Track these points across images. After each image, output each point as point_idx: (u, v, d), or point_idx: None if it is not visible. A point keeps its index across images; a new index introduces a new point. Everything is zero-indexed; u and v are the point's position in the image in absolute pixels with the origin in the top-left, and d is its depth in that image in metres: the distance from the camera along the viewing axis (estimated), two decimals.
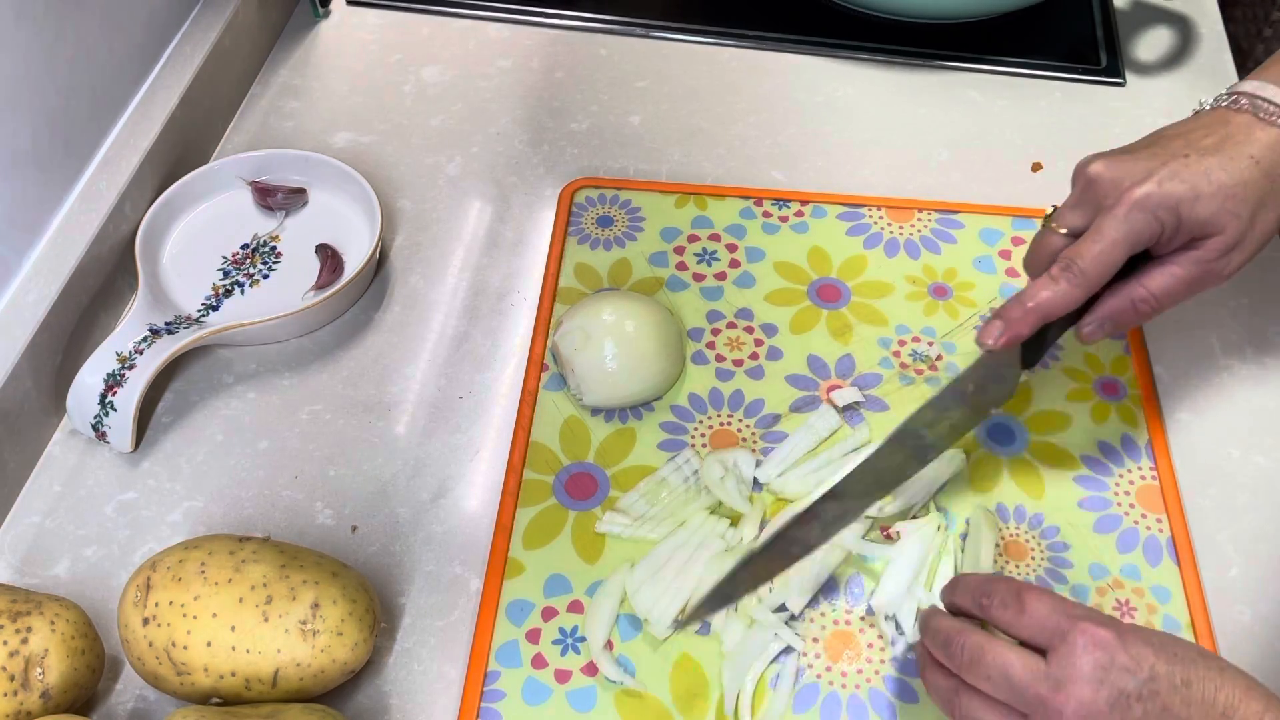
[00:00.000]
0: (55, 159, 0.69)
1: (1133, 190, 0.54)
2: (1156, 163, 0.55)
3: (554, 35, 0.93)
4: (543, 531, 0.63)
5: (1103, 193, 0.55)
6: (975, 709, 0.48)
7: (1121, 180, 0.55)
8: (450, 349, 0.72)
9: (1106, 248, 0.54)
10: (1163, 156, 0.55)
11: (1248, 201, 0.54)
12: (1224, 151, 0.55)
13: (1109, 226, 0.54)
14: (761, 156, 0.84)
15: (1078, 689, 0.45)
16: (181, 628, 0.53)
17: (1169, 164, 0.54)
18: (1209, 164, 0.54)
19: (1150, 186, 0.54)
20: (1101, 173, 0.55)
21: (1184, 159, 0.55)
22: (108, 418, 0.65)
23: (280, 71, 0.89)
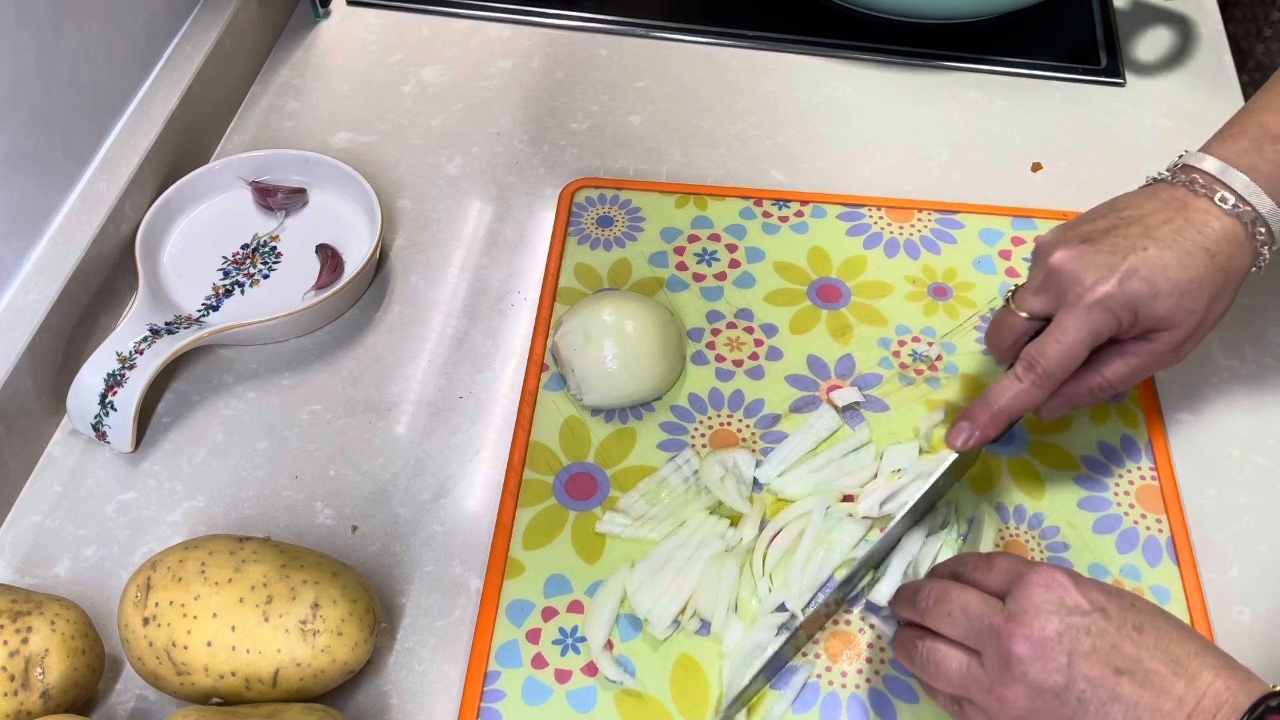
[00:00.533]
0: (55, 159, 0.69)
1: (1095, 288, 0.56)
2: (1117, 257, 0.56)
3: (554, 35, 0.93)
4: (543, 531, 0.63)
5: (1064, 285, 0.57)
6: (933, 650, 0.51)
7: (1083, 276, 0.56)
8: (450, 349, 0.72)
9: (1068, 348, 0.57)
10: (1123, 248, 0.56)
11: (1202, 297, 0.56)
12: (1180, 244, 0.56)
13: (1071, 325, 0.56)
14: (761, 156, 0.84)
15: (1029, 617, 0.48)
16: (182, 628, 0.53)
17: (1128, 258, 0.56)
18: (1167, 260, 0.56)
19: (1111, 286, 0.56)
20: (1063, 265, 0.57)
21: (1143, 253, 0.56)
22: (108, 418, 0.65)
23: (280, 71, 0.89)
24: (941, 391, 0.69)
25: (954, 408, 0.68)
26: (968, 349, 0.72)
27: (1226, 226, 0.57)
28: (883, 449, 0.66)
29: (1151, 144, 0.86)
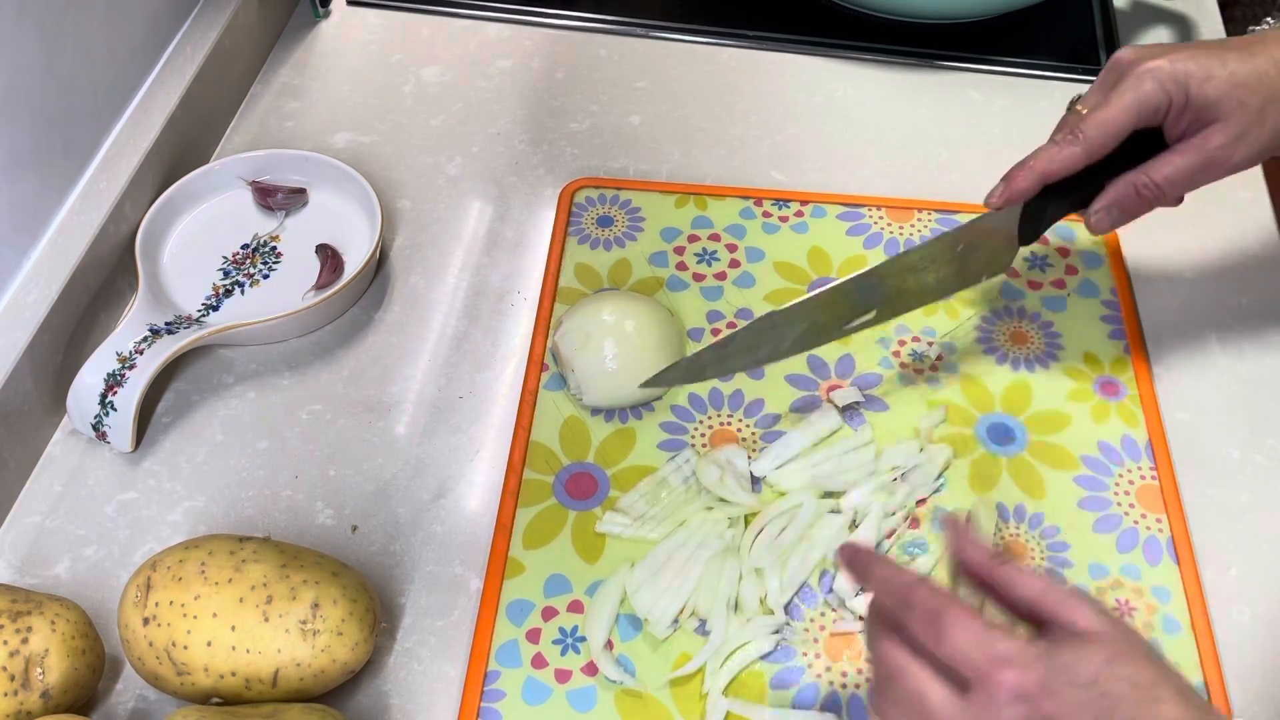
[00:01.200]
0: (55, 159, 0.69)
1: (1147, 61, 0.56)
2: (1180, 49, 0.57)
3: (554, 35, 0.93)
4: (543, 531, 0.63)
5: (1122, 69, 0.58)
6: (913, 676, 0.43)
7: (1141, 58, 0.57)
8: (450, 349, 0.72)
9: (1111, 113, 0.57)
10: (1190, 46, 0.57)
11: (1258, 93, 0.56)
12: (1249, 49, 0.56)
13: (1116, 93, 0.57)
14: (761, 156, 0.84)
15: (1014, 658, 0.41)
16: (182, 627, 0.53)
17: (1190, 49, 0.57)
18: (1230, 55, 0.56)
19: (1163, 61, 0.56)
20: (1125, 54, 0.58)
21: (1207, 48, 0.57)
22: (108, 417, 0.65)
23: (280, 71, 0.89)
24: (941, 391, 0.69)
25: (954, 408, 0.68)
26: (968, 349, 0.72)
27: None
28: (882, 449, 0.66)
29: None
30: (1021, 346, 0.72)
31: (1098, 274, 0.76)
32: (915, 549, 0.63)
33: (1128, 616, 0.60)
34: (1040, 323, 0.73)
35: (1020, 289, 0.75)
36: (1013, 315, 0.73)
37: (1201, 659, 0.59)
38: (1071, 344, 0.72)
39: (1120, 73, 0.58)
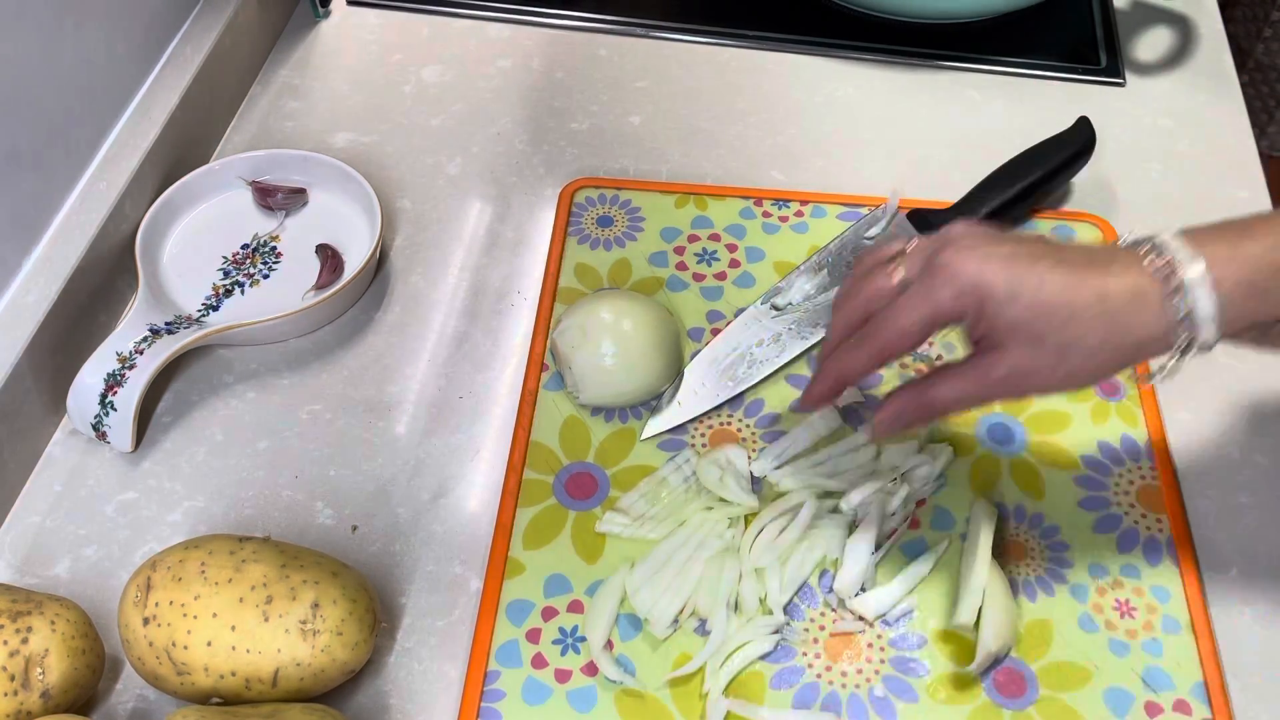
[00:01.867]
0: (55, 159, 0.69)
1: (957, 263, 0.49)
2: (1007, 246, 0.49)
3: (554, 35, 0.93)
4: (543, 531, 0.63)
5: (933, 261, 0.50)
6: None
7: (957, 255, 0.49)
8: (450, 349, 0.72)
9: (902, 323, 0.51)
10: (1020, 245, 0.49)
11: (1063, 330, 0.48)
12: (1083, 267, 0.48)
13: (915, 298, 0.50)
14: (761, 156, 0.84)
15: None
16: (182, 627, 0.53)
17: (1016, 250, 0.49)
18: (1056, 272, 0.48)
19: (971, 266, 0.48)
20: (953, 234, 0.51)
21: (1035, 254, 0.48)
22: (108, 417, 0.65)
23: (280, 71, 0.89)
24: None
25: None
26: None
27: (1140, 284, 0.48)
28: (882, 449, 0.66)
29: (1152, 144, 0.86)
30: None
31: None
32: (915, 549, 0.63)
33: (1128, 617, 0.60)
34: None
35: None
36: None
37: (1201, 659, 0.59)
38: None
39: (929, 264, 0.50)
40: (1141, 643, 0.60)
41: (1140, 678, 0.58)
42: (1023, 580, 0.62)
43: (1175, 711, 0.57)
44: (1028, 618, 0.60)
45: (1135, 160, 0.84)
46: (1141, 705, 0.57)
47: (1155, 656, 0.59)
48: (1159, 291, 0.48)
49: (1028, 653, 0.59)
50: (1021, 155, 0.78)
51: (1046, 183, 0.77)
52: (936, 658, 0.59)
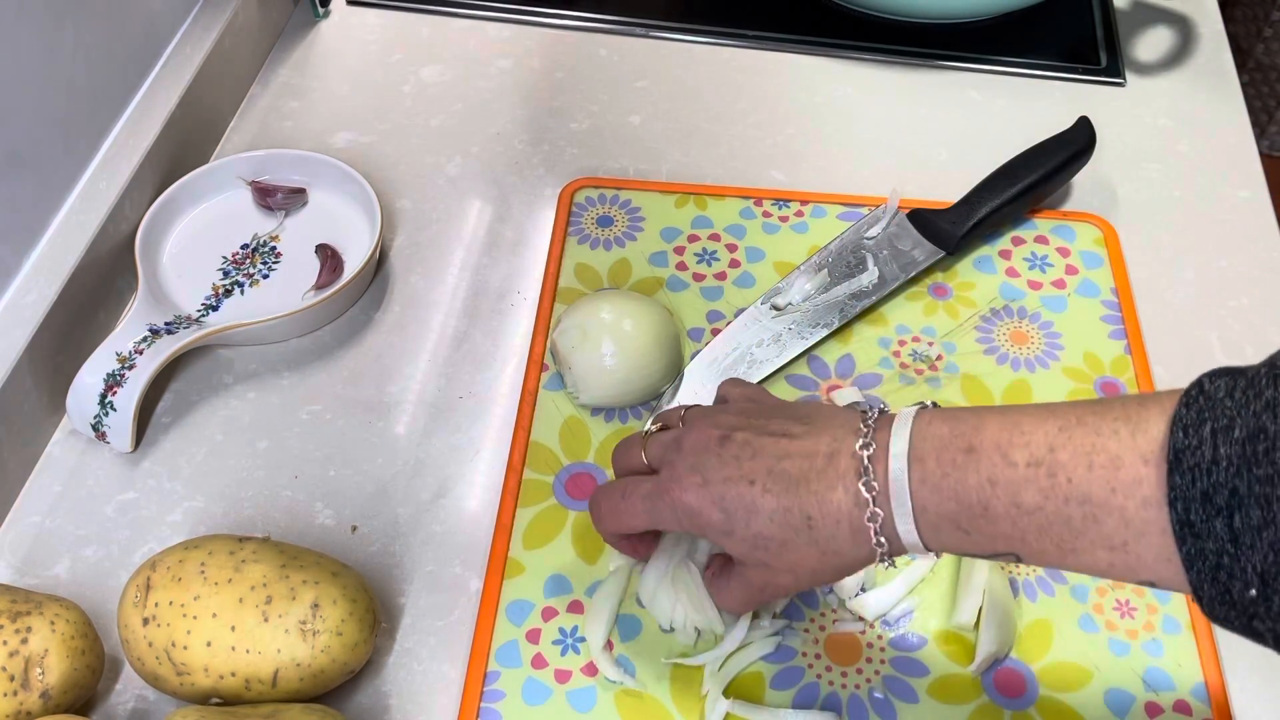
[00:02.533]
0: (55, 159, 0.69)
1: (675, 490, 0.50)
2: (726, 469, 0.49)
3: (554, 35, 0.93)
4: (543, 531, 0.63)
5: (668, 460, 0.52)
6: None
7: (681, 462, 0.51)
8: (450, 349, 0.72)
9: (627, 516, 0.53)
10: (743, 463, 0.49)
11: (781, 556, 0.49)
12: (792, 496, 0.47)
13: (645, 506, 0.52)
14: (761, 156, 0.84)
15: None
16: (181, 628, 0.53)
17: (731, 482, 0.49)
18: (766, 503, 0.48)
19: (691, 495, 0.50)
20: (686, 428, 0.53)
21: (746, 487, 0.48)
22: (107, 418, 0.65)
23: (280, 71, 0.89)
24: (942, 391, 0.69)
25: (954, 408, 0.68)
26: (968, 349, 0.72)
27: (842, 507, 0.47)
28: None
29: (1152, 144, 0.86)
30: (1021, 346, 0.72)
31: (1098, 274, 0.76)
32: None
33: (1128, 618, 0.60)
34: (1040, 323, 0.73)
35: (1020, 289, 0.75)
36: (1013, 315, 0.73)
37: (1201, 659, 0.59)
38: (1071, 344, 0.72)
39: (658, 482, 0.51)
40: (1142, 643, 0.59)
41: (1141, 678, 0.58)
42: (1023, 580, 0.62)
43: (1176, 712, 0.57)
44: (1028, 618, 0.60)
45: (1135, 160, 0.84)
46: (1142, 706, 0.57)
47: (1155, 657, 0.59)
48: (860, 517, 0.46)
49: (1028, 653, 0.59)
50: (1021, 155, 0.78)
51: (1046, 183, 0.77)
52: (936, 658, 0.59)
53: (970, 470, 0.44)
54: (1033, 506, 0.42)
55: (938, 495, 0.44)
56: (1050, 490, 0.42)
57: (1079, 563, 0.43)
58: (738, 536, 0.49)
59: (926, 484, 0.45)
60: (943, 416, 0.46)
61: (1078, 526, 0.41)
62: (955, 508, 0.44)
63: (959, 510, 0.44)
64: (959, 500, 0.44)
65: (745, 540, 0.49)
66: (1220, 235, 0.79)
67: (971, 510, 0.44)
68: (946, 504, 0.44)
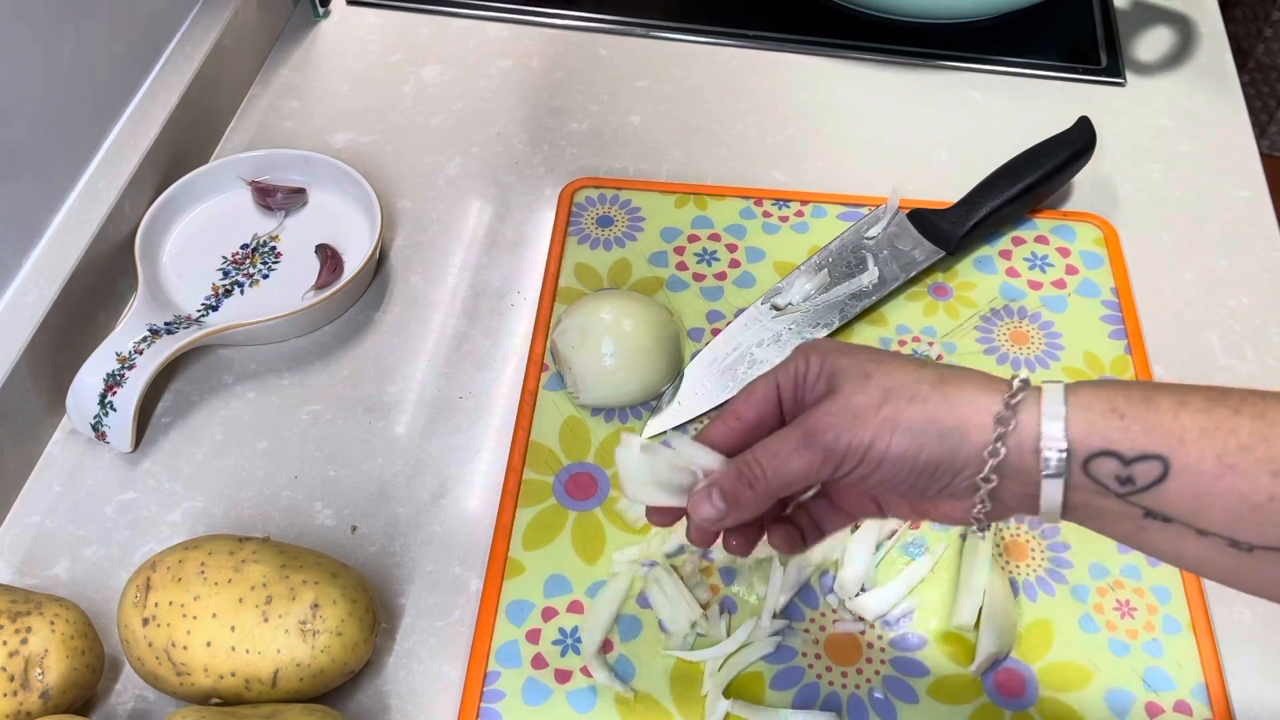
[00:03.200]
0: (55, 159, 0.69)
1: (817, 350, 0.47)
2: (863, 352, 0.46)
3: (554, 35, 0.93)
4: (543, 532, 0.63)
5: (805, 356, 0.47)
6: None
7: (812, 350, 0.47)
8: (450, 349, 0.72)
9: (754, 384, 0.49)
10: (883, 354, 0.46)
11: (888, 398, 0.44)
12: (923, 404, 0.43)
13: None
14: (761, 156, 0.84)
15: None
16: (181, 628, 0.53)
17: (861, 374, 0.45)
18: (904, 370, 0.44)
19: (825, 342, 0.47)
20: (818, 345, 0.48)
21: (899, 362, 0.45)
22: (107, 418, 0.65)
23: (280, 71, 0.89)
24: None
25: None
26: (968, 349, 0.72)
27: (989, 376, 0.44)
28: None
29: (1152, 144, 0.86)
30: (1022, 346, 0.72)
31: (1098, 274, 0.76)
32: (915, 549, 0.63)
33: (1128, 618, 0.60)
34: (1040, 323, 0.73)
35: (1020, 289, 0.75)
36: (1013, 315, 0.73)
37: (1202, 659, 0.59)
38: (1071, 344, 0.72)
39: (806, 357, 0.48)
40: (1142, 643, 0.59)
41: (1141, 678, 0.58)
42: (1023, 580, 0.62)
43: (1176, 712, 0.57)
44: (1028, 618, 0.60)
45: (1135, 160, 0.84)
46: (1142, 706, 0.57)
47: (1156, 657, 0.59)
48: (998, 383, 0.44)
49: (1028, 653, 0.59)
50: (1022, 155, 0.78)
51: (1047, 183, 0.77)
52: (937, 658, 0.59)
53: (1132, 385, 0.43)
54: (1201, 407, 0.40)
55: (1093, 386, 0.42)
56: (1220, 399, 0.40)
57: (1237, 486, 0.39)
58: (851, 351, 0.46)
59: (1084, 385, 0.43)
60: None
61: (1245, 439, 0.39)
62: (1113, 392, 0.42)
63: (1116, 394, 0.42)
64: (1118, 388, 0.42)
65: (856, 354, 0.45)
66: (1220, 235, 0.79)
67: (1131, 397, 0.41)
68: (1104, 391, 0.42)
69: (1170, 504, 0.41)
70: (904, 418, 0.43)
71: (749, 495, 0.47)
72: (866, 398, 0.44)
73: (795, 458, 0.45)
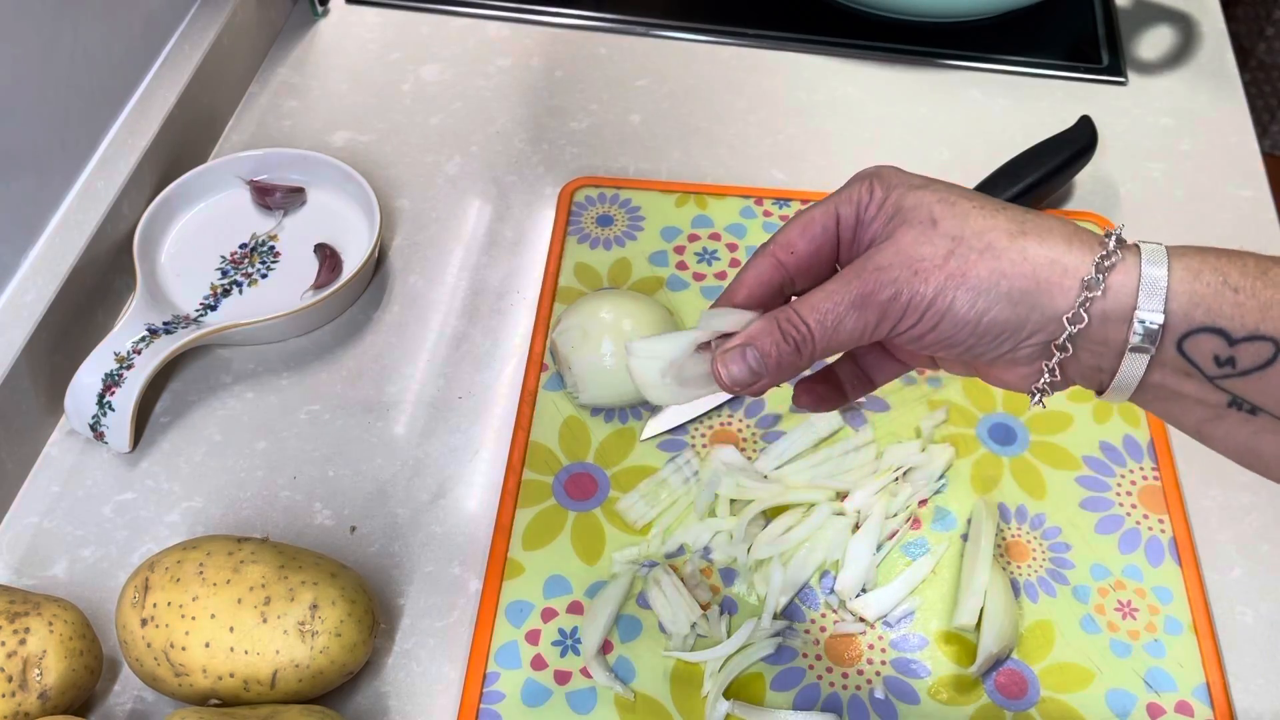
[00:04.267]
0: (53, 158, 0.69)
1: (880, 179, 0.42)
2: (931, 191, 0.42)
3: (554, 34, 0.93)
4: (542, 532, 0.63)
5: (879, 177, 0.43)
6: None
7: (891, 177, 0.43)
8: (450, 349, 0.72)
9: (809, 211, 0.44)
10: (955, 194, 0.41)
11: (959, 222, 0.40)
12: (995, 258, 0.39)
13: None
14: (762, 155, 0.84)
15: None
16: (180, 629, 0.53)
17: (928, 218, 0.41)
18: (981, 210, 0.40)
19: (891, 169, 0.43)
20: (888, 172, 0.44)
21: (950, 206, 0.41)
22: (106, 418, 0.65)
23: (279, 70, 0.89)
24: (943, 391, 0.69)
25: (955, 407, 0.68)
26: None
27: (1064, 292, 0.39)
28: (883, 449, 0.66)
29: (1153, 143, 0.86)
30: None
31: None
32: (916, 550, 0.62)
33: (1129, 618, 0.60)
34: None
35: None
36: None
37: (1204, 660, 0.59)
38: None
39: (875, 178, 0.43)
40: (1143, 644, 0.59)
41: (1142, 679, 0.58)
42: (1024, 581, 0.61)
43: (1177, 713, 0.57)
44: (1029, 619, 0.60)
45: (1137, 159, 0.84)
46: (1144, 706, 0.57)
47: (1157, 658, 0.59)
48: (1087, 256, 0.39)
49: (1029, 654, 0.59)
50: (1023, 154, 0.78)
51: (1048, 182, 0.77)
52: (938, 659, 0.59)
53: (1246, 256, 0.38)
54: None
55: (1202, 253, 0.38)
56: None
57: None
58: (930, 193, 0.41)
59: (1189, 250, 0.38)
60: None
61: None
62: (1224, 261, 0.38)
63: (1229, 264, 0.38)
64: (1231, 259, 0.38)
65: (935, 192, 0.41)
66: (1222, 235, 0.79)
67: (1246, 268, 0.37)
68: (1214, 259, 0.38)
69: (1267, 392, 0.37)
70: (971, 274, 0.39)
71: (792, 359, 0.41)
72: (932, 248, 0.39)
73: (848, 320, 0.40)
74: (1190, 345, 0.38)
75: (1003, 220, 0.40)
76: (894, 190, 0.42)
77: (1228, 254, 0.38)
